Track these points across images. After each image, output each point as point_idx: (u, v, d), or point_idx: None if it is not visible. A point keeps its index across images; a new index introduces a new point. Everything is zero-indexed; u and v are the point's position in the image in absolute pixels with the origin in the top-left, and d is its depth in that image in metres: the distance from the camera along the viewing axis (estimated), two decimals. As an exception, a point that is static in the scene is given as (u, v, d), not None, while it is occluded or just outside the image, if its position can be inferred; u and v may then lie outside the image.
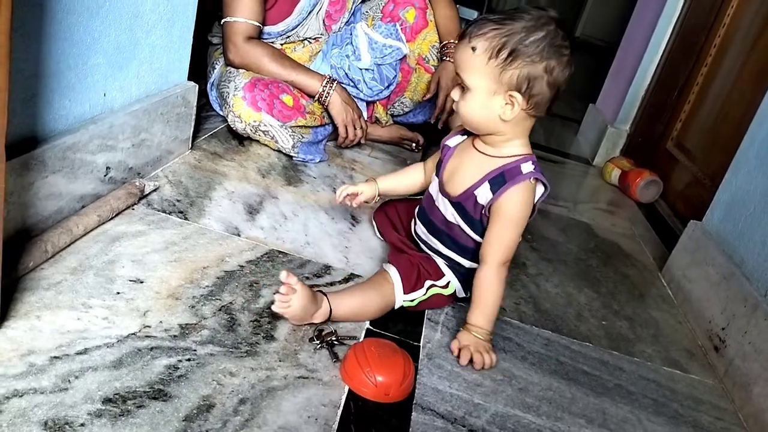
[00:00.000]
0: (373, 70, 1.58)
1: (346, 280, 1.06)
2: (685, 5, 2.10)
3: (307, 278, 1.04)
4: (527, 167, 0.96)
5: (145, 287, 0.90)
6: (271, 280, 1.00)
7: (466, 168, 1.00)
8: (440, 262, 1.05)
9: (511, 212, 0.95)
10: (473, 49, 0.89)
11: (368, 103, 1.65)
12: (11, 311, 0.78)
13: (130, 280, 0.90)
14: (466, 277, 1.04)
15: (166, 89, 1.22)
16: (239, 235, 1.10)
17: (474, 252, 1.01)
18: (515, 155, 0.97)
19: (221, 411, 0.72)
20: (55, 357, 0.73)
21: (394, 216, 1.19)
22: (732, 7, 1.87)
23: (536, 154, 0.94)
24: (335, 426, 0.76)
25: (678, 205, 1.83)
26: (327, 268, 1.08)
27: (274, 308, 0.87)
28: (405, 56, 1.63)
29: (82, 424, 0.66)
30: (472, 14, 4.18)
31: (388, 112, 1.72)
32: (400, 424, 0.79)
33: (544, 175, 0.97)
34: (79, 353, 0.75)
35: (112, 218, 1.03)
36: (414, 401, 0.84)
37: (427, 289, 1.02)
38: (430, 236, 1.06)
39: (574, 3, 6.71)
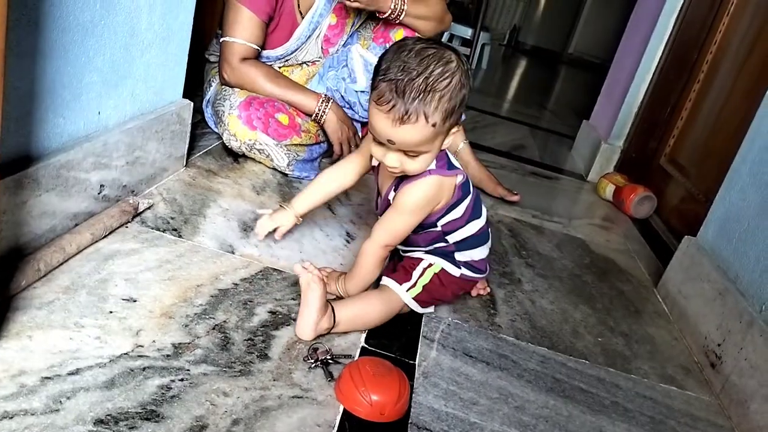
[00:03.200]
0: (368, 92, 1.59)
1: (341, 296, 1.06)
2: (677, 22, 2.12)
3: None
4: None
5: (138, 306, 0.89)
6: (266, 297, 1.00)
7: (384, 179, 1.05)
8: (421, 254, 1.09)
9: (403, 203, 0.98)
10: (434, 125, 0.87)
11: (363, 125, 1.66)
12: (3, 331, 0.77)
13: (123, 299, 0.90)
14: (461, 248, 1.08)
15: (161, 107, 1.22)
16: (233, 253, 1.10)
17: (443, 234, 1.05)
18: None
19: (215, 431, 0.72)
20: (47, 377, 0.72)
21: None
22: (723, 24, 1.89)
23: (530, 170, 0.94)
24: (330, 446, 0.75)
25: (672, 221, 1.83)
26: (322, 286, 1.08)
27: (301, 278, 0.92)
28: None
29: (73, 446, 0.65)
30: (467, 32, 4.22)
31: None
32: (396, 443, 0.79)
33: (450, 164, 1.00)
34: (70, 374, 0.74)
35: (105, 236, 1.02)
36: (410, 420, 0.83)
37: (423, 271, 1.06)
38: (403, 245, 1.10)
39: (567, 20, 6.78)
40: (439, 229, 1.05)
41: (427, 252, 1.08)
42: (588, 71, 5.85)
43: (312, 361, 0.88)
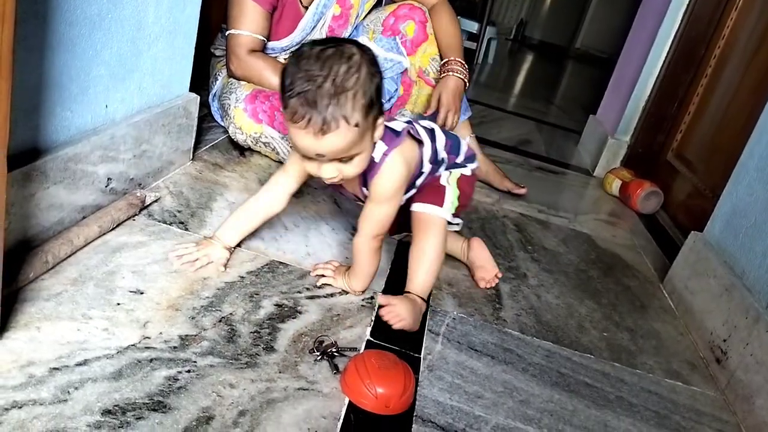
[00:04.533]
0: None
1: (346, 291, 1.06)
2: (685, 17, 2.11)
3: (308, 289, 1.04)
4: (378, 153, 0.96)
5: (145, 298, 0.90)
6: (272, 290, 1.00)
7: (348, 183, 1.04)
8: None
9: (381, 193, 0.98)
10: (357, 125, 0.85)
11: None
12: (11, 322, 0.78)
13: (131, 291, 0.90)
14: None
15: (167, 100, 1.22)
16: (240, 246, 1.10)
17: (435, 165, 1.08)
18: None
19: (221, 423, 0.72)
20: (55, 368, 0.73)
21: None
22: (731, 20, 1.88)
23: (536, 165, 0.94)
24: (335, 438, 0.75)
25: (679, 216, 1.83)
26: (327, 279, 1.08)
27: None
28: (406, 70, 1.63)
29: (81, 436, 0.66)
30: (473, 26, 4.21)
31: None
32: (401, 436, 0.79)
33: (394, 132, 0.99)
34: (78, 364, 0.75)
35: (113, 229, 1.03)
36: (414, 413, 0.83)
37: (448, 181, 1.10)
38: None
39: (574, 14, 6.75)
40: (427, 169, 1.07)
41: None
42: (595, 66, 5.82)
43: (318, 353, 0.88)
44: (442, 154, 1.10)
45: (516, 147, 2.35)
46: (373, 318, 1.00)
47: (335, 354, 0.89)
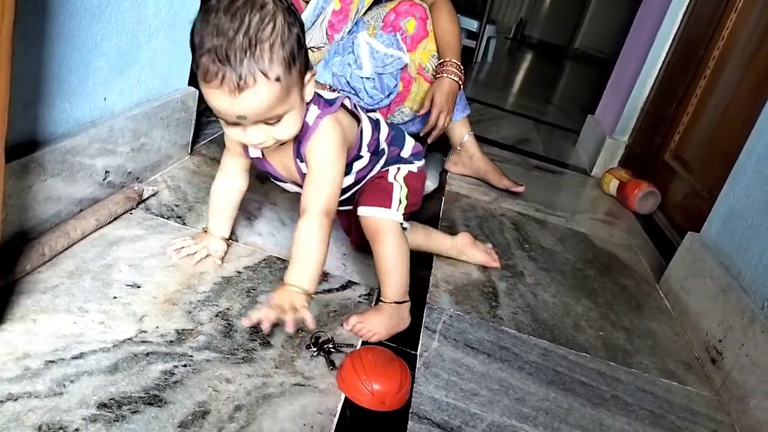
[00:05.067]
0: (374, 79, 1.59)
1: (344, 287, 1.06)
2: (684, 18, 2.11)
3: (305, 285, 1.03)
4: (310, 117, 0.89)
5: (142, 292, 0.90)
6: (269, 286, 1.00)
7: (278, 159, 0.97)
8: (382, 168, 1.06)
9: (317, 158, 0.89)
10: (278, 79, 0.77)
11: (368, 112, 1.65)
12: (7, 314, 0.78)
13: (127, 285, 0.90)
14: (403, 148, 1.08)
15: (166, 94, 1.22)
16: (237, 241, 1.10)
17: (374, 155, 1.03)
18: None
19: (217, 417, 0.72)
20: (51, 361, 0.73)
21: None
22: (731, 21, 1.88)
23: (534, 164, 0.93)
24: (331, 434, 0.75)
25: (676, 217, 1.83)
26: (325, 275, 1.08)
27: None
28: (405, 66, 1.63)
29: (77, 429, 0.65)
30: (473, 24, 4.21)
31: (388, 121, 1.73)
32: (397, 432, 0.79)
33: (328, 101, 0.92)
34: (74, 357, 0.74)
35: (110, 222, 1.03)
36: (410, 410, 0.83)
37: (395, 177, 1.04)
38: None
39: (573, 14, 6.75)
40: (366, 156, 1.01)
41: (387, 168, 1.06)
42: (594, 66, 5.83)
43: (314, 349, 0.88)
44: (383, 145, 1.04)
45: (514, 146, 2.35)
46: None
47: (332, 350, 0.89)
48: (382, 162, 1.06)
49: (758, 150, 1.24)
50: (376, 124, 1.04)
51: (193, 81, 1.31)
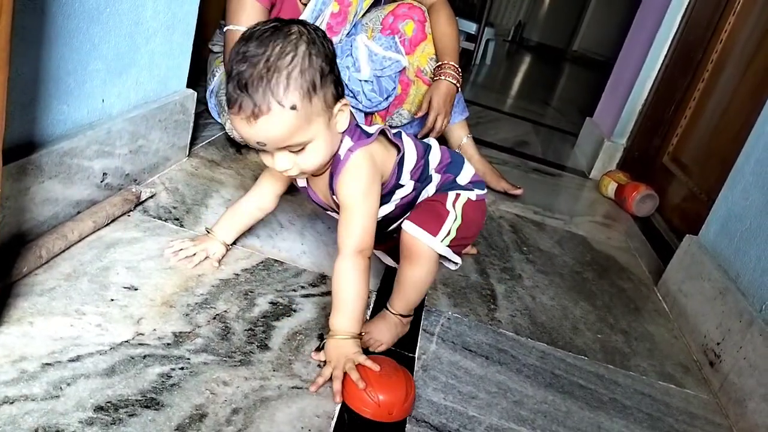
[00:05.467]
0: (372, 82, 1.59)
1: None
2: (683, 21, 2.12)
3: (303, 287, 1.03)
4: (343, 149, 0.89)
5: (140, 294, 0.89)
6: (267, 288, 1.00)
7: (319, 190, 0.98)
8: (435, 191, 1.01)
9: (347, 194, 0.88)
10: (293, 108, 0.78)
11: (366, 115, 1.65)
12: (4, 317, 0.77)
13: (125, 287, 0.90)
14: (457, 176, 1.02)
15: (164, 96, 1.22)
16: (235, 243, 1.10)
17: (419, 182, 0.99)
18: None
19: (214, 421, 0.72)
20: (47, 364, 0.73)
21: None
22: (729, 24, 1.88)
23: (533, 166, 0.92)
24: (329, 437, 0.75)
25: (674, 220, 1.83)
26: (323, 278, 1.08)
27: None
28: (404, 69, 1.63)
29: (73, 432, 0.65)
30: (471, 27, 4.21)
31: (387, 123, 1.73)
32: (394, 435, 0.79)
33: (365, 133, 0.91)
34: (71, 360, 0.74)
35: (107, 224, 1.02)
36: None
37: (453, 205, 0.97)
38: (390, 223, 1.03)
39: (572, 17, 6.76)
40: (409, 184, 0.98)
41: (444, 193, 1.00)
42: (592, 69, 5.83)
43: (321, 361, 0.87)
44: (431, 171, 1.01)
45: (513, 148, 2.35)
46: (367, 317, 1.00)
47: None
48: (431, 189, 1.01)
49: (757, 153, 1.24)
50: (425, 151, 1.01)
51: (191, 83, 1.31)
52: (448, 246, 0.94)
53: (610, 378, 1.04)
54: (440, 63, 1.60)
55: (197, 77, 1.54)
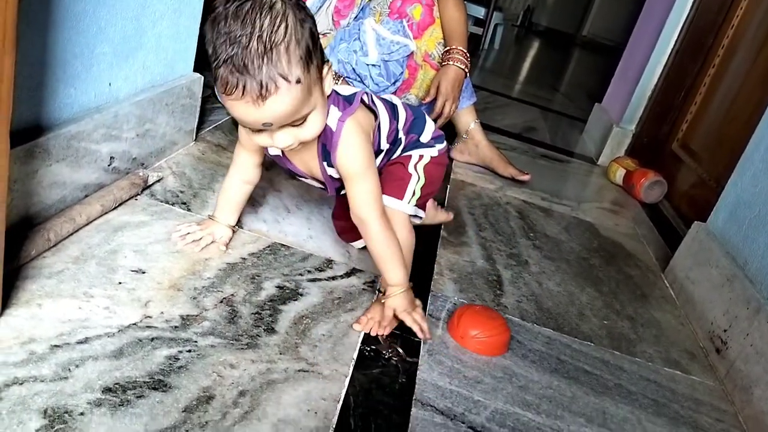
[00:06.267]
0: (379, 66, 1.58)
1: (348, 274, 1.06)
2: (694, 5, 2.09)
3: (309, 272, 1.04)
4: (332, 120, 0.88)
5: (147, 278, 0.90)
6: (273, 272, 1.00)
7: (299, 158, 0.97)
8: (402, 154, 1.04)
9: (351, 167, 0.89)
10: (299, 81, 0.76)
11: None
12: (12, 299, 0.78)
13: (132, 270, 0.90)
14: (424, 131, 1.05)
15: (171, 80, 1.22)
16: (242, 228, 1.10)
17: (393, 144, 1.02)
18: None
19: (221, 403, 0.72)
20: (56, 345, 0.73)
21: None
22: (741, 9, 1.86)
23: (540, 152, 0.92)
24: (335, 420, 0.76)
25: (682, 206, 1.82)
26: (329, 263, 1.08)
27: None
28: (412, 53, 1.62)
29: (82, 413, 0.66)
30: (480, 11, 4.18)
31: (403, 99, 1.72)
32: (400, 419, 0.79)
33: (347, 98, 0.91)
34: (79, 342, 0.75)
35: (115, 208, 1.03)
36: (414, 397, 0.84)
37: (415, 168, 1.01)
38: None
39: (581, 2, 6.69)
40: (385, 148, 1.00)
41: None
42: (601, 54, 5.78)
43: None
44: (401, 134, 1.02)
45: (521, 134, 2.34)
46: (374, 300, 1.00)
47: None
48: (398, 151, 1.04)
49: (767, 140, 1.23)
50: (393, 111, 1.01)
51: (198, 67, 1.31)
52: (415, 205, 1.01)
53: (615, 364, 1.04)
54: (448, 48, 1.59)
55: (204, 61, 1.53)
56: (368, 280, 1.06)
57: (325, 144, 0.90)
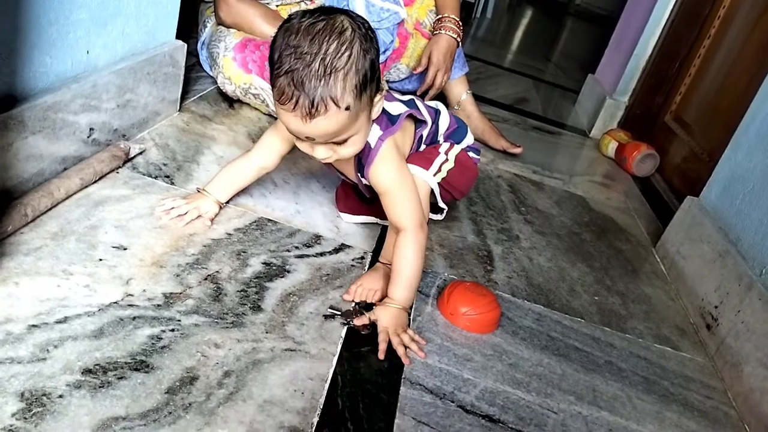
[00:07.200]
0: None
1: (337, 250, 1.04)
2: (691, -26, 2.05)
3: (297, 248, 1.01)
4: (372, 137, 0.91)
5: (129, 254, 0.87)
6: (260, 248, 0.98)
7: (340, 166, 1.02)
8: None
9: (385, 183, 0.92)
10: (348, 108, 0.79)
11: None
12: (-12, 277, 0.76)
13: (113, 247, 0.88)
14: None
15: (153, 48, 1.17)
16: (227, 202, 1.07)
17: (444, 137, 1.08)
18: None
19: (205, 383, 0.71)
20: (34, 325, 0.71)
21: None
22: (739, -22, 1.82)
23: (532, 124, 0.91)
24: (322, 400, 0.74)
25: (674, 180, 1.81)
26: (317, 238, 1.06)
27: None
28: (402, 21, 1.58)
29: (61, 396, 0.64)
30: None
31: (384, 78, 1.68)
32: (389, 398, 0.78)
33: (391, 117, 0.94)
34: (58, 322, 0.72)
35: (95, 182, 1.00)
36: (403, 375, 0.82)
37: (447, 152, 1.05)
38: None
39: (576, -31, 6.58)
40: (423, 147, 1.05)
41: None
42: (595, 23, 5.72)
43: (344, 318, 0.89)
44: (440, 137, 1.08)
45: (512, 105, 2.31)
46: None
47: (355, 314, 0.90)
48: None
49: (763, 113, 1.21)
50: (435, 116, 1.06)
51: (181, 34, 1.26)
52: (439, 184, 1.01)
53: (606, 340, 1.04)
54: (440, 16, 1.55)
55: (188, 28, 1.49)
56: (357, 256, 1.04)
57: (361, 158, 0.93)
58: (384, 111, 0.93)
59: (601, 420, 0.86)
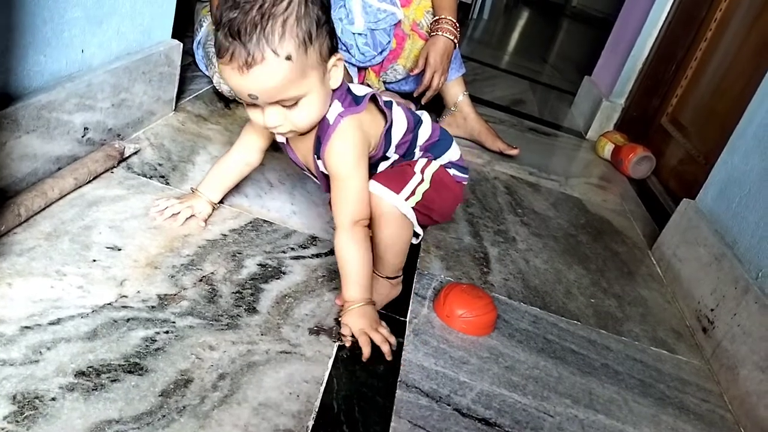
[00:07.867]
0: (366, 35, 1.53)
1: (332, 252, 1.04)
2: (687, -23, 2.05)
3: (292, 249, 1.01)
4: (332, 114, 0.86)
5: (123, 255, 0.87)
6: (255, 250, 0.97)
7: (299, 149, 0.95)
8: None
9: (336, 163, 0.86)
10: (288, 57, 0.74)
11: (360, 69, 1.60)
12: (-20, 277, 0.75)
13: (107, 247, 0.87)
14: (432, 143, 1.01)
15: (148, 47, 1.16)
16: (223, 203, 1.06)
17: (404, 158, 0.97)
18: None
19: (199, 386, 0.70)
20: (26, 327, 0.70)
21: None
22: (735, -19, 1.82)
23: (529, 126, 0.88)
24: (317, 403, 0.74)
25: (671, 183, 1.81)
26: (313, 239, 1.05)
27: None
28: (399, 22, 1.58)
29: (53, 398, 0.63)
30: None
31: (381, 79, 1.68)
32: (384, 401, 0.78)
33: (356, 98, 0.88)
34: (51, 323, 0.72)
35: (89, 181, 0.99)
36: (399, 378, 0.82)
37: (423, 170, 0.95)
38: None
39: (572, -29, 6.59)
40: (393, 158, 0.96)
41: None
42: (592, 25, 5.73)
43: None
44: (416, 150, 0.99)
45: (509, 107, 2.31)
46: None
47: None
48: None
49: (759, 116, 1.21)
50: (415, 123, 0.98)
51: (177, 34, 1.25)
52: (413, 208, 0.91)
53: (602, 343, 1.03)
54: (437, 17, 1.55)
55: (184, 28, 1.48)
56: (353, 258, 1.04)
57: (320, 136, 0.87)
58: (349, 91, 0.88)
59: (597, 423, 0.85)
